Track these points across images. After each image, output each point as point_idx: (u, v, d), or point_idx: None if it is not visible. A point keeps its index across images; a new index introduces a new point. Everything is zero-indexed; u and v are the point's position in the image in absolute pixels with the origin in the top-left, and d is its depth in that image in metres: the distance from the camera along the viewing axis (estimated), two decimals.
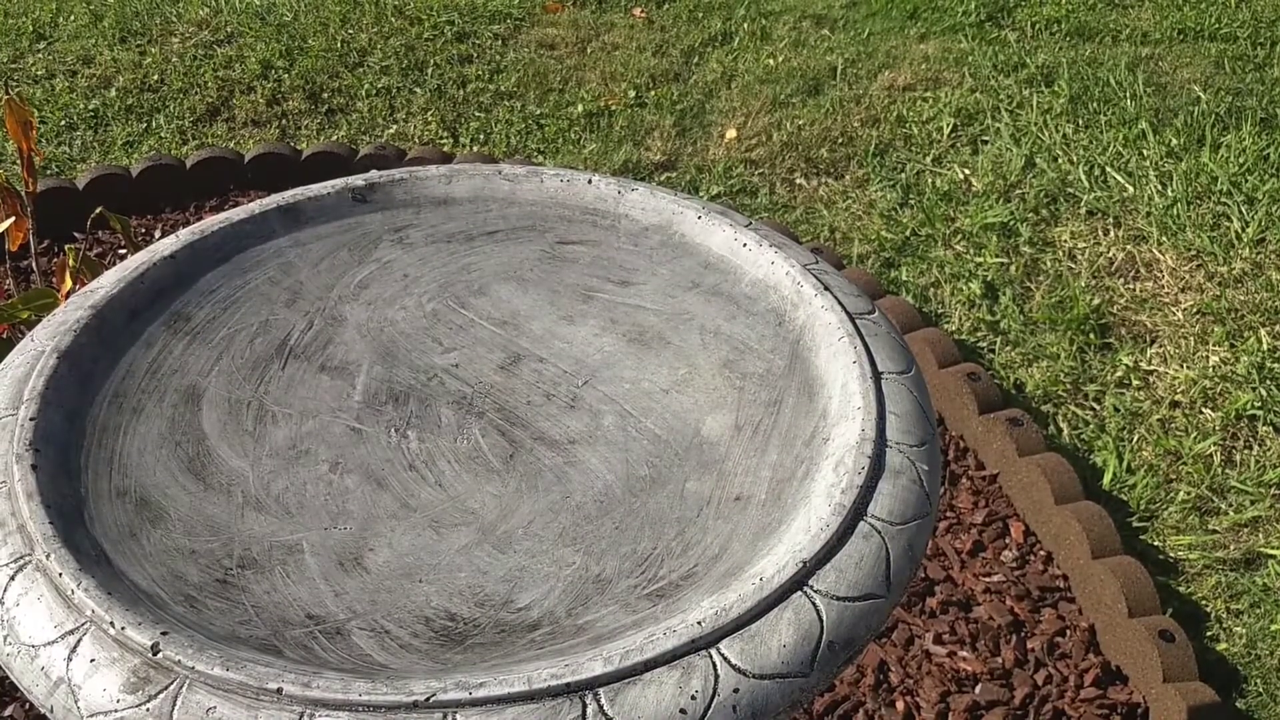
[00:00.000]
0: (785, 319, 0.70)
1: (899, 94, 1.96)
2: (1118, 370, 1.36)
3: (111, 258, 1.46)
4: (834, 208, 1.66)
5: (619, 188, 0.79)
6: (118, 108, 1.90)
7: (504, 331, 0.71)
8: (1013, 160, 1.74)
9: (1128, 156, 1.74)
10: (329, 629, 0.52)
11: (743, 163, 1.77)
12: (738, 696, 0.45)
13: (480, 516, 0.59)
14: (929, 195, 1.67)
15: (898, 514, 0.53)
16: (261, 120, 1.89)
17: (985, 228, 1.60)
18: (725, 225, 0.75)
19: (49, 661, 0.49)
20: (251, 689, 0.46)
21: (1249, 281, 1.49)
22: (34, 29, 2.17)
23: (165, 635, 0.48)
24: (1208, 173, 1.68)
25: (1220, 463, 1.24)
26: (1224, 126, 1.81)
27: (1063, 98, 1.90)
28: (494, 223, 0.80)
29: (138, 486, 0.59)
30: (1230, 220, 1.59)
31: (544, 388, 0.67)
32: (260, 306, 0.71)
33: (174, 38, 2.15)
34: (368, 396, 0.66)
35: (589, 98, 1.97)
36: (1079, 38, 2.15)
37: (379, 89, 1.99)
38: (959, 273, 1.51)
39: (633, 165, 1.77)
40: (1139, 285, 1.49)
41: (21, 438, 0.57)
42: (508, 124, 1.89)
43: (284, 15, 2.23)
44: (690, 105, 1.94)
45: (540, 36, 2.18)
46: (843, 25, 2.23)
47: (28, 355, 0.62)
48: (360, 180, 0.80)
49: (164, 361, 0.67)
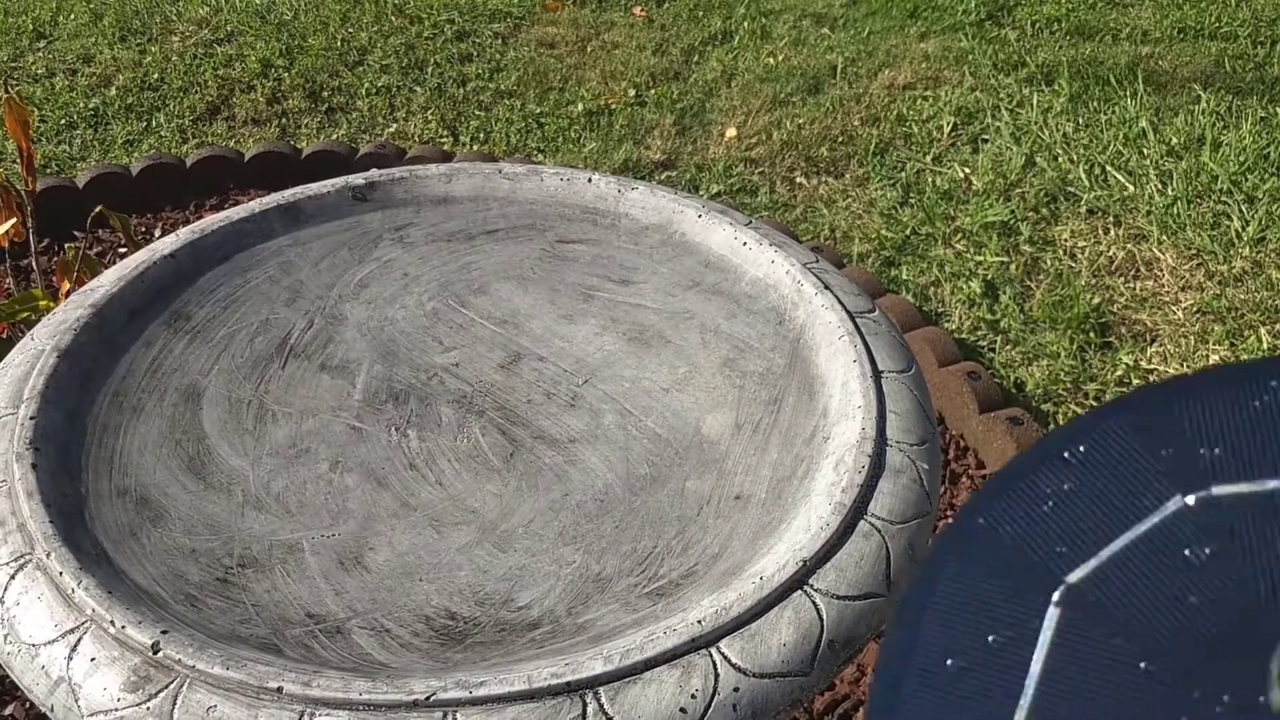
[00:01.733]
0: (785, 318, 0.70)
1: (899, 93, 1.96)
2: (1118, 369, 1.35)
3: (111, 256, 1.46)
4: (834, 206, 1.66)
5: (619, 186, 0.79)
6: (118, 106, 1.90)
7: (504, 330, 0.71)
8: (1013, 159, 1.74)
9: (1128, 155, 1.74)
10: (329, 628, 0.52)
11: (743, 161, 1.77)
12: (738, 695, 0.45)
13: (480, 515, 0.59)
14: (929, 194, 1.67)
15: (898, 513, 0.53)
16: (262, 119, 1.89)
17: (985, 226, 1.60)
18: (725, 224, 0.75)
19: (49, 660, 0.49)
20: (252, 688, 0.46)
21: (1249, 280, 1.49)
22: (34, 27, 2.16)
23: (166, 634, 0.48)
24: (1208, 171, 1.68)
25: None
26: (1224, 125, 1.81)
27: (1063, 96, 1.90)
28: (494, 221, 0.80)
29: (138, 485, 0.59)
30: (1230, 219, 1.59)
31: (544, 386, 0.67)
32: (260, 305, 0.71)
33: (174, 36, 2.15)
34: (368, 395, 0.66)
35: (589, 96, 1.96)
36: (1079, 36, 2.15)
37: (379, 88, 1.99)
38: (959, 271, 1.51)
39: (633, 164, 1.77)
40: (1139, 284, 1.49)
41: (22, 436, 0.57)
42: (508, 123, 1.89)
43: (284, 14, 2.23)
44: (690, 104, 1.94)
45: (540, 35, 2.18)
46: (843, 24, 2.22)
47: (28, 354, 0.62)
48: (360, 179, 0.80)
49: (164, 360, 0.67)
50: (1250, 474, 0.21)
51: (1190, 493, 0.21)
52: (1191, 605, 0.19)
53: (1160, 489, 0.21)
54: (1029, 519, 0.22)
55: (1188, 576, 0.20)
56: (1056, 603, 0.20)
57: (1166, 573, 0.20)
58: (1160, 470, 0.21)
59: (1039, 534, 0.21)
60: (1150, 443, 0.22)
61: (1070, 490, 0.22)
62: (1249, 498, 0.20)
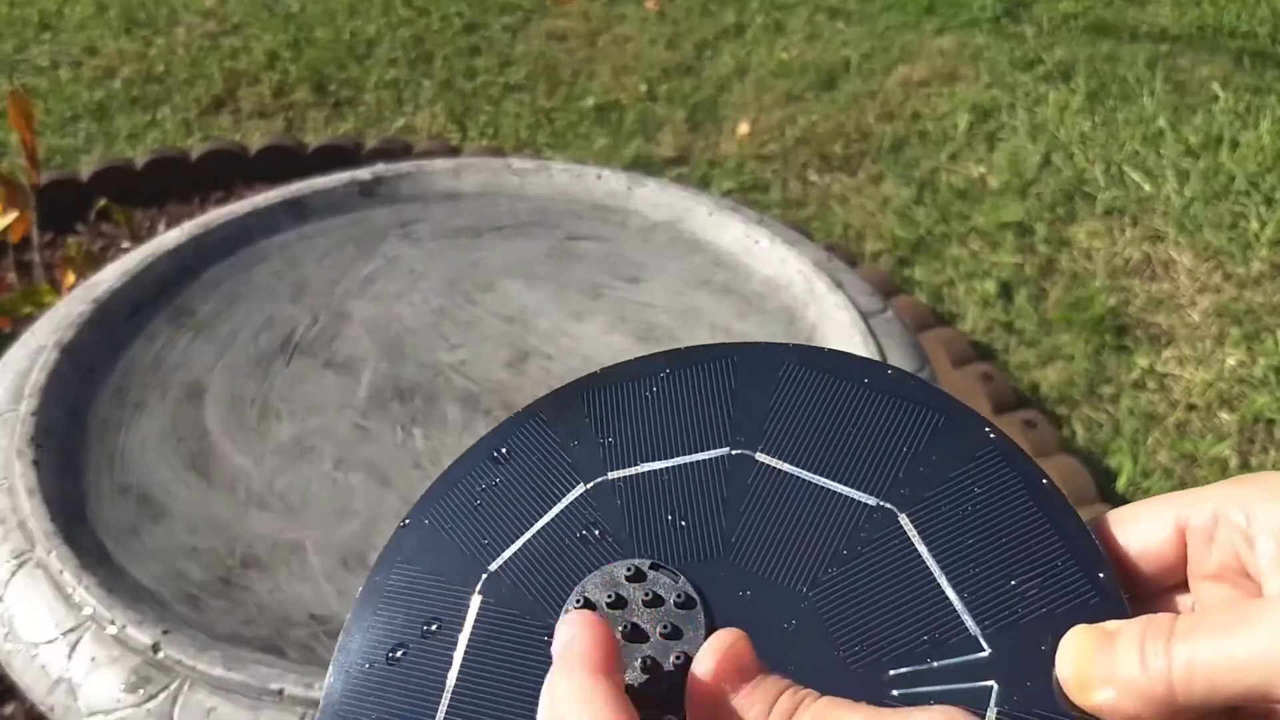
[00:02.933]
0: (797, 317, 0.69)
1: (914, 89, 1.94)
2: (1134, 372, 1.34)
3: (115, 251, 1.45)
4: (847, 205, 1.65)
5: (629, 183, 0.78)
6: (122, 99, 1.90)
7: (511, 328, 0.70)
8: (1029, 157, 1.71)
9: (1145, 154, 1.72)
10: (333, 629, 0.51)
11: (755, 158, 1.75)
12: None
13: None
14: (944, 192, 1.66)
15: None
16: (267, 112, 1.89)
17: (1001, 226, 1.58)
18: (737, 222, 0.74)
19: (49, 660, 0.48)
20: (253, 689, 0.46)
21: (1267, 282, 1.47)
22: (39, 19, 2.16)
23: (166, 634, 0.48)
24: (1226, 171, 1.66)
25: (1237, 467, 1.22)
26: (1243, 125, 1.78)
27: (1080, 94, 1.87)
28: (502, 218, 0.79)
29: (140, 483, 0.58)
30: (1248, 220, 1.57)
31: (551, 385, 0.66)
32: (265, 301, 0.70)
33: (180, 28, 2.14)
34: (373, 393, 0.65)
35: (600, 91, 1.95)
36: (1097, 33, 2.13)
37: (386, 81, 1.98)
38: (974, 271, 1.50)
39: (643, 160, 1.76)
40: (1156, 285, 1.47)
41: (23, 433, 0.56)
42: (517, 117, 1.88)
43: (291, 5, 2.22)
44: (702, 99, 1.93)
45: (550, 28, 2.17)
46: (858, 19, 2.20)
47: (29, 350, 0.62)
48: (367, 174, 0.79)
49: (167, 356, 0.66)
50: (635, 459, 0.24)
51: (590, 480, 0.24)
52: (584, 581, 0.22)
53: (567, 479, 0.24)
54: (463, 516, 0.24)
55: (583, 554, 0.23)
56: (479, 590, 0.23)
57: (567, 554, 0.23)
58: (569, 462, 0.24)
59: (470, 529, 0.24)
60: (563, 437, 0.25)
61: (498, 485, 0.24)
62: (632, 479, 0.24)
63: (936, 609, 0.21)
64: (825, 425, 0.24)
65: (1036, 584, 0.21)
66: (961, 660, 0.21)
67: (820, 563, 0.22)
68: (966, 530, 0.22)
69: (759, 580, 0.22)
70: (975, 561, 0.22)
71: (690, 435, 0.24)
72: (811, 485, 0.23)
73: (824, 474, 0.23)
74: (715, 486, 0.24)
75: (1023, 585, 0.21)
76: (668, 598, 0.22)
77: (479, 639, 0.22)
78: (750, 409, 0.25)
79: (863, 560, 0.22)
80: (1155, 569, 0.22)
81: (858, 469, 0.23)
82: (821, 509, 0.23)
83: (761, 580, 0.22)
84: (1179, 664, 0.18)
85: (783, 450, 0.24)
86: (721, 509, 0.23)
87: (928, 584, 0.22)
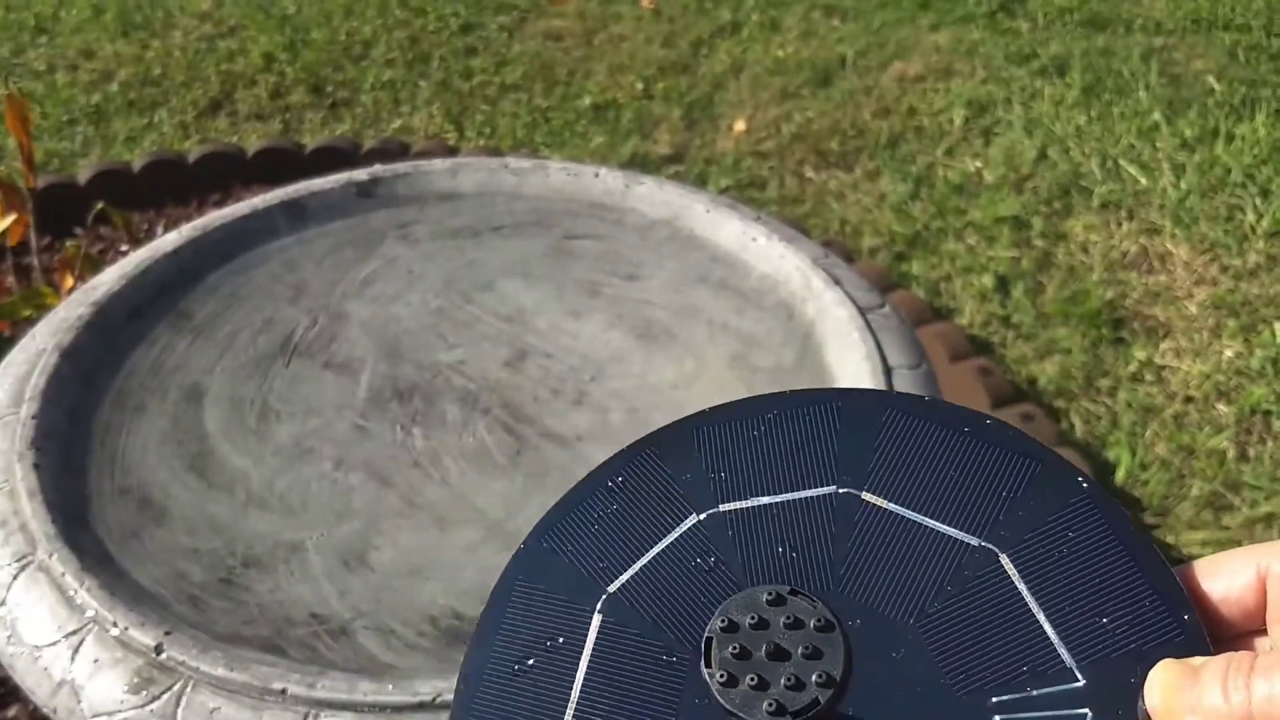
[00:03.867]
0: (795, 313, 0.69)
1: (910, 85, 1.94)
2: (1131, 364, 1.34)
3: (113, 254, 1.46)
4: (844, 200, 1.65)
5: (626, 181, 0.78)
6: (119, 102, 1.90)
7: (510, 327, 0.70)
8: (1025, 152, 1.72)
9: (1141, 148, 1.72)
10: (333, 628, 0.51)
11: (751, 155, 1.76)
12: None
13: (486, 514, 0.58)
14: (940, 187, 1.66)
15: None
16: (264, 114, 1.89)
17: (997, 220, 1.58)
18: (734, 218, 0.74)
19: (52, 662, 0.48)
20: (256, 689, 0.46)
21: (1263, 274, 1.47)
22: (35, 22, 2.16)
23: (168, 635, 0.48)
24: (1221, 164, 1.66)
25: (1234, 458, 1.22)
26: (1238, 118, 1.79)
27: (1075, 89, 1.88)
28: (500, 217, 0.79)
29: (140, 485, 0.58)
30: (1244, 212, 1.57)
31: (550, 383, 0.66)
32: (263, 303, 0.71)
33: (176, 31, 2.14)
34: (372, 393, 0.65)
35: (596, 90, 1.95)
36: (1092, 28, 2.13)
37: (383, 82, 1.98)
38: (971, 266, 1.50)
39: (640, 158, 1.76)
40: (1152, 278, 1.48)
41: (23, 436, 0.56)
42: (514, 117, 1.88)
43: (287, 7, 2.22)
44: (698, 97, 1.93)
45: (546, 28, 2.17)
46: (853, 15, 2.20)
47: (29, 353, 0.62)
48: (364, 175, 0.79)
49: (166, 359, 0.66)
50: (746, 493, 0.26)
51: (703, 511, 0.26)
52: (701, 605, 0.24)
53: (680, 509, 0.26)
54: (582, 539, 0.26)
55: (698, 580, 0.25)
56: (599, 610, 0.25)
57: (682, 579, 0.25)
58: (681, 494, 0.26)
59: (589, 552, 0.26)
60: (675, 470, 0.27)
61: (613, 513, 0.26)
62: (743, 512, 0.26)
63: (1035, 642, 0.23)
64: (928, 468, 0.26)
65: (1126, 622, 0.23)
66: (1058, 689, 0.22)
67: (926, 597, 0.24)
68: (1062, 571, 0.24)
69: (867, 611, 0.24)
70: (1070, 600, 0.24)
71: (798, 473, 0.26)
72: (916, 524, 0.25)
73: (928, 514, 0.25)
74: (823, 522, 0.25)
75: (1114, 623, 0.23)
76: (808, 621, 0.23)
77: (601, 655, 0.24)
78: (855, 451, 0.26)
79: (966, 596, 0.24)
80: (1237, 614, 0.23)
81: (960, 511, 0.25)
82: (926, 547, 0.25)
83: (870, 611, 0.24)
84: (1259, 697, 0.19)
85: (887, 490, 0.25)
86: (830, 543, 0.25)
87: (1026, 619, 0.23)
